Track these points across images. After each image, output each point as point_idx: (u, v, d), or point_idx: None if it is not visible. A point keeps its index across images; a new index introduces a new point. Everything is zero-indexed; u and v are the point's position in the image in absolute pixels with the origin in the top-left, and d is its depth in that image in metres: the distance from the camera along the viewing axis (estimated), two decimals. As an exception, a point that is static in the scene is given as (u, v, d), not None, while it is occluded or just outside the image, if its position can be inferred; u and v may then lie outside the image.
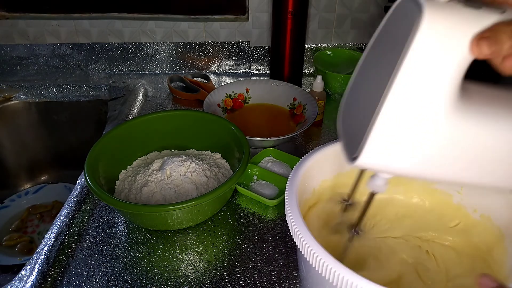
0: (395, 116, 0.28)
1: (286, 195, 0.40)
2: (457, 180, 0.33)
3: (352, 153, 0.32)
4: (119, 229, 0.57)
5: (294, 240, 0.36)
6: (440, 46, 0.27)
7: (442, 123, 0.29)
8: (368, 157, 0.30)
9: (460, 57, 0.27)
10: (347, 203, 0.45)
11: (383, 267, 0.44)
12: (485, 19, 0.27)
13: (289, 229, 0.56)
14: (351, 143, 0.34)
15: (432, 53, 0.27)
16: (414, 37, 0.27)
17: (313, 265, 0.33)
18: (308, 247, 0.34)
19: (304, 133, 0.77)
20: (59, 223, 0.56)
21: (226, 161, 0.65)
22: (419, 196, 0.50)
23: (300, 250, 0.35)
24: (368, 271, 0.43)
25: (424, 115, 0.28)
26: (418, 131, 0.29)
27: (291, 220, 0.37)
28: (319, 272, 0.33)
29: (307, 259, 0.34)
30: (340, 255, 0.41)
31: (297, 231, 0.36)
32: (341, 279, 0.31)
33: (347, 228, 0.42)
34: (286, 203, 0.39)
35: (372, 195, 0.37)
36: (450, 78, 0.28)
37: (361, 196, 0.47)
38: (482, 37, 0.27)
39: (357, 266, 0.43)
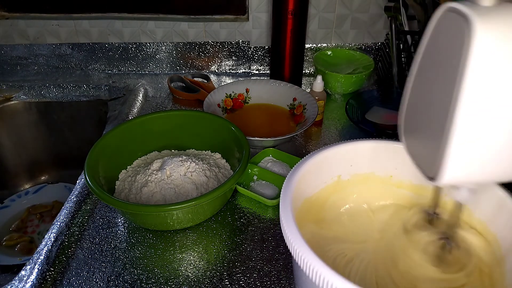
0: (466, 132, 0.28)
1: (281, 201, 0.38)
2: None
3: (430, 171, 0.32)
4: (119, 229, 0.57)
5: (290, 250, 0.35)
6: (498, 59, 0.26)
7: None
8: (448, 176, 0.30)
9: None
10: (435, 215, 0.43)
11: None
12: None
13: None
14: (424, 159, 0.33)
15: (489, 66, 0.26)
16: (468, 54, 0.26)
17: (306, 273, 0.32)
18: (298, 251, 0.33)
19: (304, 133, 0.77)
20: (59, 223, 0.56)
21: (226, 161, 0.65)
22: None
23: (293, 255, 0.34)
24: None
25: (498, 124, 0.28)
26: (495, 139, 0.28)
27: (286, 231, 0.36)
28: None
29: (298, 264, 0.33)
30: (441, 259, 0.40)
31: (292, 240, 0.34)
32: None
33: (438, 236, 0.41)
34: (281, 213, 0.37)
35: (459, 206, 0.36)
36: None
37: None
38: None
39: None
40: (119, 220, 0.59)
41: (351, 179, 0.48)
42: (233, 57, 0.97)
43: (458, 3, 0.28)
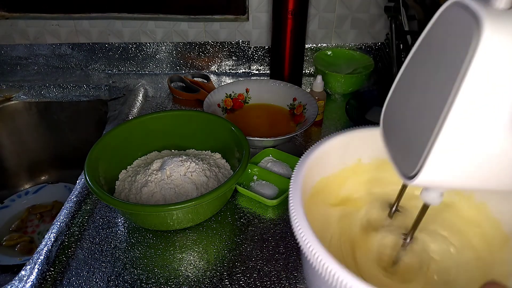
0: (456, 132, 0.27)
1: (290, 191, 0.38)
2: None
3: (407, 170, 0.31)
4: (119, 229, 0.57)
5: (302, 249, 0.35)
6: (504, 61, 0.25)
7: (504, 139, 0.27)
8: (428, 176, 0.29)
9: None
10: (394, 209, 0.44)
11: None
12: None
13: (289, 229, 0.56)
14: (401, 157, 0.32)
15: (495, 69, 0.25)
16: (474, 55, 0.25)
17: (318, 271, 0.32)
18: (310, 248, 0.33)
19: (304, 133, 0.77)
20: (59, 223, 0.56)
21: (226, 161, 0.65)
22: None
23: (304, 252, 0.34)
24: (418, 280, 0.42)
25: (488, 129, 0.27)
26: (481, 146, 0.28)
27: (296, 222, 0.35)
28: (327, 281, 0.32)
29: (310, 261, 0.33)
30: (393, 262, 0.41)
31: (302, 235, 0.34)
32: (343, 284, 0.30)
33: (400, 235, 0.42)
34: (290, 201, 0.37)
35: (426, 207, 0.36)
36: None
37: (408, 201, 0.46)
38: None
39: (409, 274, 0.42)
40: (119, 220, 0.59)
41: (372, 163, 0.48)
42: (233, 57, 0.97)
43: None
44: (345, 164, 0.47)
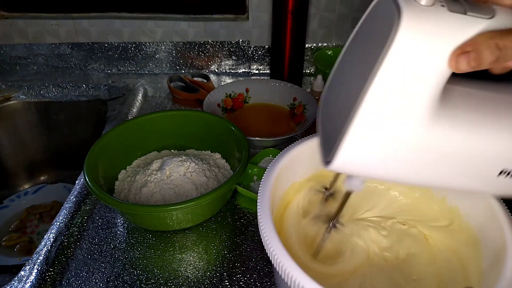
0: (369, 123, 0.28)
1: (259, 202, 0.40)
2: (434, 185, 0.33)
3: (326, 155, 0.32)
4: (118, 230, 0.57)
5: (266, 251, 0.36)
6: (418, 56, 0.26)
7: (418, 132, 0.28)
8: (341, 162, 0.30)
9: (439, 69, 0.26)
10: (328, 192, 0.45)
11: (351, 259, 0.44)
12: (470, 28, 0.26)
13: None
14: (327, 144, 0.33)
15: (409, 62, 0.26)
16: (390, 44, 0.26)
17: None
18: (280, 262, 0.34)
19: (304, 133, 0.77)
20: (58, 223, 0.56)
21: (226, 161, 0.65)
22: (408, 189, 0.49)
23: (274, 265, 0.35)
24: (341, 263, 0.43)
25: (399, 123, 0.28)
26: (393, 139, 0.29)
27: (264, 232, 0.38)
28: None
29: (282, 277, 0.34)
30: (317, 247, 0.42)
31: (269, 245, 0.36)
32: None
33: (326, 220, 0.42)
34: (258, 211, 0.39)
35: (348, 193, 0.37)
36: (428, 88, 0.27)
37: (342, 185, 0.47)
38: (462, 52, 0.25)
39: (333, 258, 0.44)
40: (119, 220, 0.58)
41: None
42: (233, 57, 0.96)
43: None
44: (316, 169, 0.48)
